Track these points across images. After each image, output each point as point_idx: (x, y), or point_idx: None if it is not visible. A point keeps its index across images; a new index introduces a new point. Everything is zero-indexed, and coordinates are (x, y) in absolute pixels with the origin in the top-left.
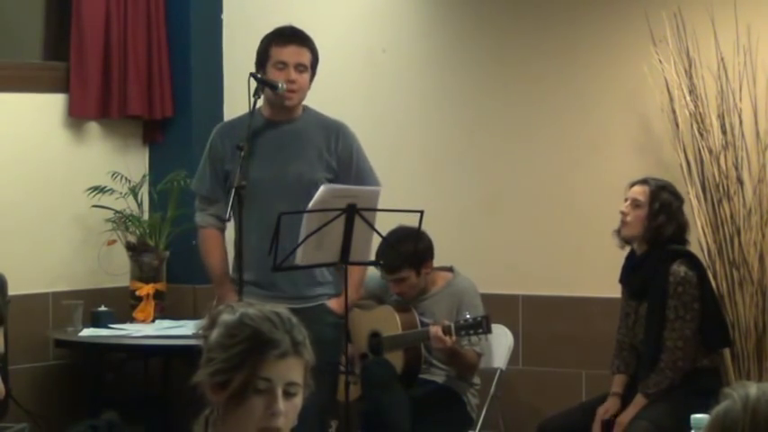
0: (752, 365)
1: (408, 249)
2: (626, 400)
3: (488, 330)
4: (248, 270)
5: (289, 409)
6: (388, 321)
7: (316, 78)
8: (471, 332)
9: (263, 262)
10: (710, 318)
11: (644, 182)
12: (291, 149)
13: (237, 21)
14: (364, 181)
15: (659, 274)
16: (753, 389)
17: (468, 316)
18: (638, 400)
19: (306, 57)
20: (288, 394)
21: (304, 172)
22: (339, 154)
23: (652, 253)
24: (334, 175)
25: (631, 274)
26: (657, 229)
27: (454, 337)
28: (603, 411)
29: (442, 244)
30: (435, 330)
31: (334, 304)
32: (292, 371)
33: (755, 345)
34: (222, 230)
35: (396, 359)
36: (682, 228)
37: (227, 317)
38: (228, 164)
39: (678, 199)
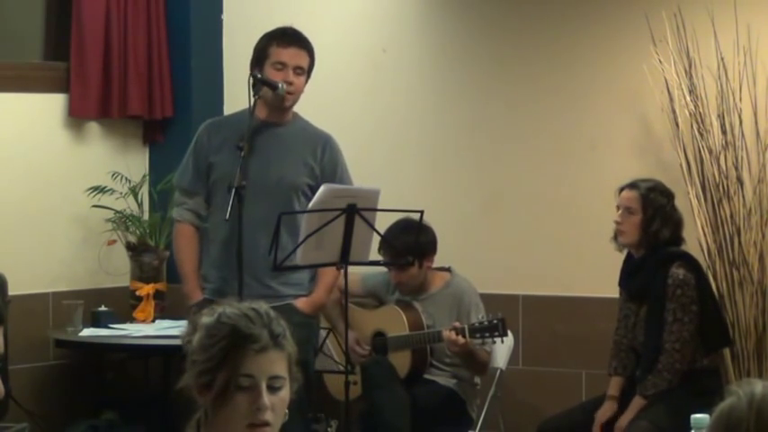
0: (752, 365)
1: (413, 239)
2: (623, 402)
3: (504, 333)
4: (221, 268)
5: (275, 403)
6: (395, 321)
7: (316, 79)
8: (487, 335)
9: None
10: (710, 318)
11: (633, 186)
12: (275, 153)
13: (237, 21)
14: None
15: (658, 276)
16: (758, 387)
17: (482, 318)
18: (637, 402)
19: (305, 60)
20: (272, 388)
21: (285, 175)
22: (324, 164)
23: (650, 256)
24: (316, 183)
25: (630, 277)
26: (655, 235)
27: (467, 338)
28: (602, 415)
29: (441, 244)
30: (449, 335)
31: (301, 303)
32: (274, 364)
33: (755, 345)
34: (197, 227)
35: (403, 359)
36: (677, 226)
37: (206, 319)
38: (213, 156)
39: (669, 197)
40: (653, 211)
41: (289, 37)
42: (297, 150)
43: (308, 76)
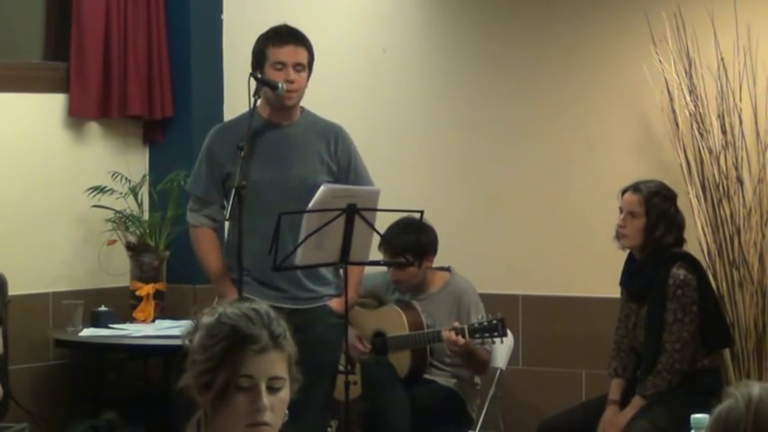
0: (752, 365)
1: (414, 238)
2: (624, 406)
3: (504, 333)
4: (251, 270)
5: (275, 404)
6: (395, 321)
7: (316, 78)
8: (486, 335)
9: (265, 263)
10: (711, 319)
11: (635, 189)
12: (293, 153)
13: (237, 21)
14: (361, 184)
15: (659, 276)
16: (755, 389)
17: (482, 318)
18: (636, 402)
19: (303, 56)
20: (272, 389)
21: (306, 175)
22: (339, 157)
23: (652, 257)
24: (334, 179)
25: (632, 277)
26: (659, 240)
27: (467, 338)
28: (608, 424)
29: (441, 244)
30: (448, 335)
31: (335, 305)
32: (275, 365)
33: (755, 345)
34: (215, 230)
35: (403, 359)
36: (680, 229)
37: (206, 319)
38: (229, 166)
39: (672, 200)
40: (656, 215)
41: (284, 35)
42: (312, 149)
43: (310, 71)
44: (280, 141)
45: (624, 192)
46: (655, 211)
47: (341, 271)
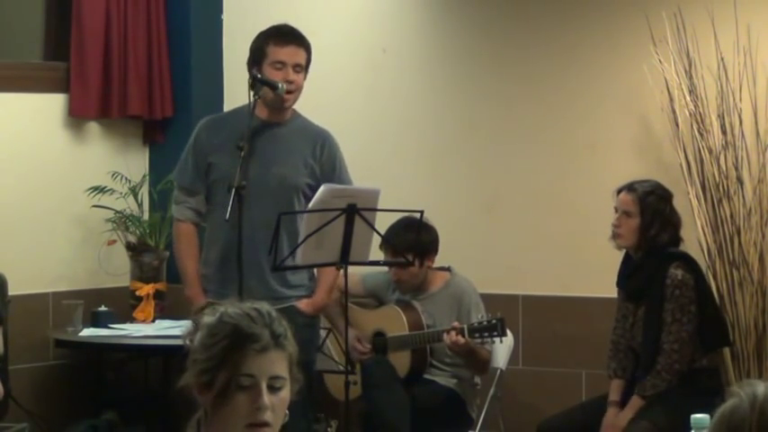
0: (752, 365)
1: (415, 237)
2: (625, 405)
3: (503, 333)
4: (221, 269)
5: (275, 403)
6: (395, 321)
7: (316, 78)
8: (486, 335)
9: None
10: (709, 318)
11: (630, 189)
12: (277, 152)
13: (237, 21)
14: None
15: (657, 277)
16: (760, 387)
17: (482, 318)
18: (634, 402)
19: (303, 57)
20: (273, 388)
21: (286, 175)
22: (323, 162)
23: (649, 257)
24: (316, 182)
25: (629, 277)
26: (653, 239)
27: (467, 338)
28: (609, 425)
29: (442, 244)
30: (449, 337)
31: (303, 305)
32: (275, 364)
33: (755, 345)
34: (198, 225)
35: (403, 359)
36: (676, 228)
37: (208, 318)
38: (212, 157)
39: (667, 200)
40: (651, 215)
41: (285, 35)
42: (297, 150)
43: (306, 72)
44: (268, 141)
45: (619, 191)
46: (649, 210)
47: (315, 274)
